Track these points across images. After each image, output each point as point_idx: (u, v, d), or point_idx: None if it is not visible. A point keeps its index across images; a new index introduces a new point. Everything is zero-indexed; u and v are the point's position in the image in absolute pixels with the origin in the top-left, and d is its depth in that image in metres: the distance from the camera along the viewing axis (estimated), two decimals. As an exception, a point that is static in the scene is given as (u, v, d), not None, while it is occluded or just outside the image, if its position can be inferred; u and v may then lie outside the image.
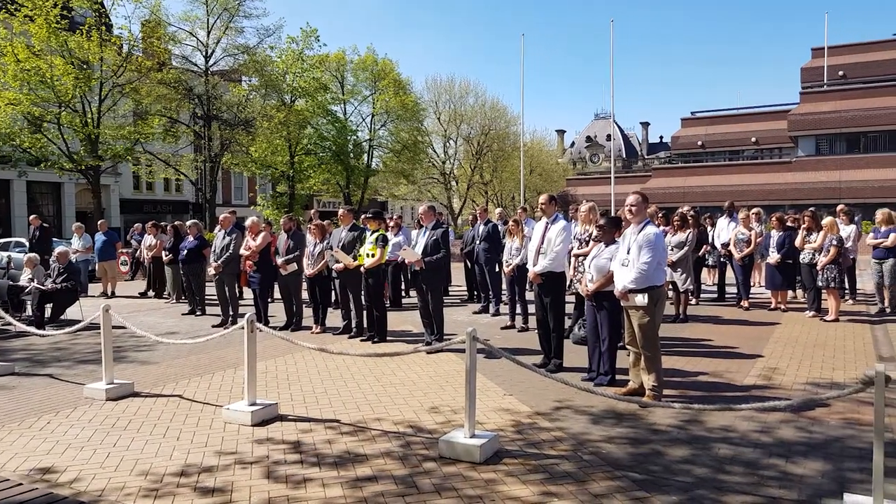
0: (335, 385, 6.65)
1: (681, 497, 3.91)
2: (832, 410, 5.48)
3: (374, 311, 8.84)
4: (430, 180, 50.33)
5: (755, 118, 48.81)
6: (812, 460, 4.44)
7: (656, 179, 44.84)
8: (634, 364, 6.04)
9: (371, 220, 9.11)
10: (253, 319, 5.58)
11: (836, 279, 9.97)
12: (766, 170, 41.15)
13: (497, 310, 11.22)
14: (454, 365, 7.28)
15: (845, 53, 44.95)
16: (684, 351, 8.10)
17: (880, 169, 36.48)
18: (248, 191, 42.69)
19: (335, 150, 34.23)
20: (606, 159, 60.30)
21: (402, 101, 36.16)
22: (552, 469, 4.36)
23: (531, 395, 6.09)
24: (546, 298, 7.10)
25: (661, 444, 4.79)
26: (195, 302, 11.92)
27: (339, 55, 35.91)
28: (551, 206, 7.40)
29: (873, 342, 8.45)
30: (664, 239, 9.92)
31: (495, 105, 50.79)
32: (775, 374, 6.84)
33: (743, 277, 11.70)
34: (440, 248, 8.17)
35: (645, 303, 5.75)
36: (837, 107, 38.90)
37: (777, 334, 9.08)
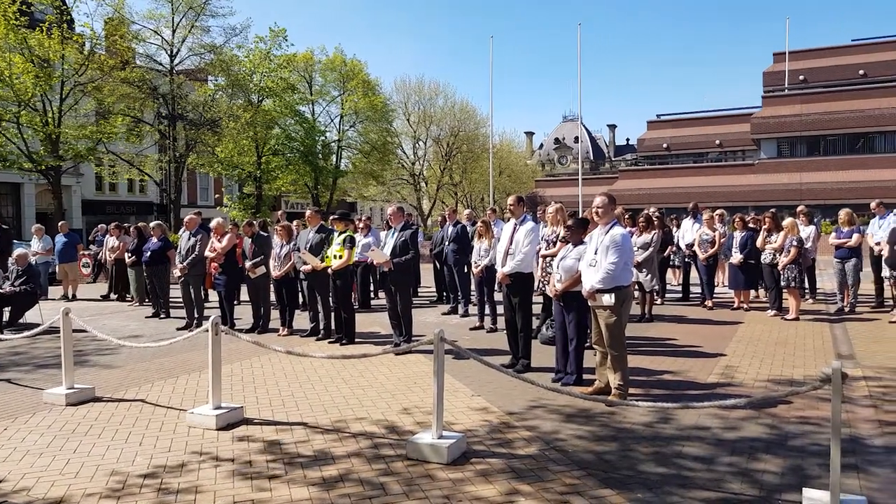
0: (302, 388, 6.60)
1: (645, 494, 3.96)
2: (792, 407, 5.61)
3: (341, 312, 8.79)
4: (399, 181, 50.26)
5: (719, 121, 49.73)
6: (772, 456, 4.53)
7: (623, 181, 45.42)
8: (601, 363, 6.11)
9: (338, 221, 9.06)
10: (218, 322, 5.50)
11: (797, 279, 10.21)
12: (730, 172, 41.98)
13: (466, 311, 11.24)
14: (423, 366, 7.28)
15: (806, 58, 46.08)
16: (650, 350, 8.21)
17: (839, 171, 37.48)
18: (215, 192, 42.11)
19: (303, 151, 33.98)
20: (574, 161, 60.89)
21: (371, 101, 36.06)
22: (519, 468, 4.38)
23: (499, 396, 6.12)
24: (514, 299, 7.15)
25: (626, 443, 4.85)
26: (159, 304, 11.72)
27: (307, 55, 35.66)
28: (519, 208, 7.45)
29: (832, 340, 8.67)
30: (630, 240, 10.08)
31: (464, 107, 50.96)
32: (737, 373, 6.98)
33: (707, 277, 11.91)
34: (409, 250, 8.16)
35: (612, 303, 5.81)
36: (798, 110, 39.86)
37: (740, 333, 9.27)
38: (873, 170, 36.44)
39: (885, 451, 4.59)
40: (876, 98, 37.89)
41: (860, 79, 42.71)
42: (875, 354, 7.71)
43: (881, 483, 4.06)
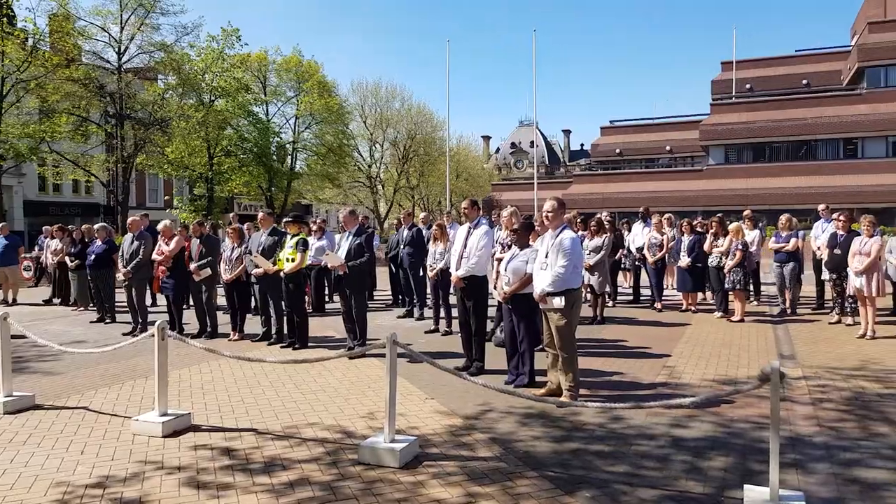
0: (253, 393, 6.49)
1: (596, 493, 4.02)
2: (735, 406, 5.77)
3: (294, 316, 8.69)
4: (356, 184, 49.94)
5: (669, 128, 50.90)
6: (717, 454, 4.65)
7: (577, 185, 46.07)
8: (552, 365, 6.18)
9: (292, 223, 8.96)
10: (164, 327, 5.37)
11: (742, 282, 10.52)
12: (679, 177, 42.99)
13: (422, 314, 11.24)
14: (377, 370, 7.24)
15: (752, 67, 47.55)
16: (601, 352, 8.35)
17: (783, 177, 38.76)
18: (165, 193, 41.07)
19: (257, 152, 33.46)
20: (531, 165, 61.52)
21: (327, 103, 35.75)
22: (473, 471, 4.39)
23: (452, 399, 6.13)
24: (468, 302, 7.18)
25: (578, 443, 4.92)
26: (104, 309, 11.38)
27: (261, 55, 35.18)
28: (474, 211, 7.49)
29: (775, 341, 8.96)
30: (581, 243, 10.23)
31: (421, 110, 51.00)
32: (685, 373, 7.15)
33: (656, 280, 12.17)
34: (363, 253, 8.11)
35: (562, 305, 5.89)
36: (745, 118, 41.09)
37: (687, 334, 9.50)
38: (816, 176, 37.83)
39: (823, 448, 4.76)
40: (818, 107, 39.35)
41: (803, 88, 44.29)
42: (815, 354, 8.00)
43: (819, 478, 4.21)
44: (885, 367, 7.25)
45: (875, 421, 5.35)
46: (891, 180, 36.08)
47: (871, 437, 4.95)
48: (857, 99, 38.70)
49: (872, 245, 8.96)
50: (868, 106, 37.86)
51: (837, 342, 8.75)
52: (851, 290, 9.28)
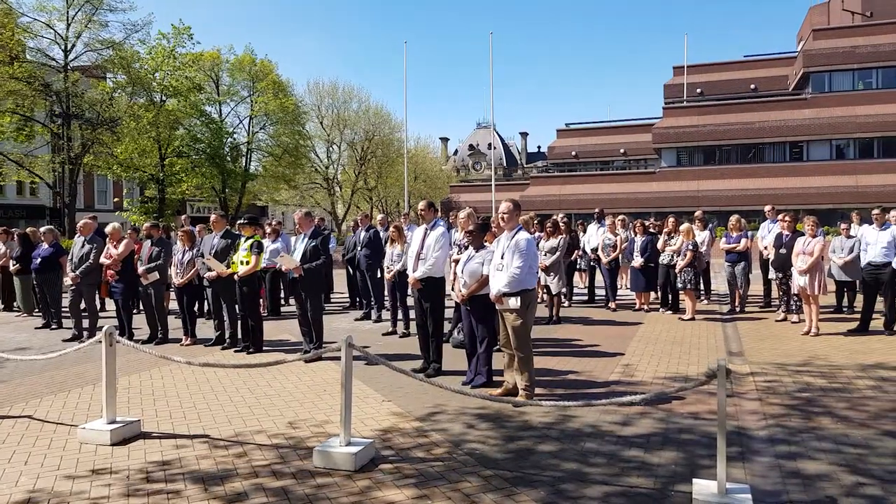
0: (205, 399, 6.37)
1: (547, 491, 4.07)
2: (685, 402, 5.92)
3: (248, 320, 8.56)
4: (312, 185, 49.48)
5: (624, 131, 51.76)
6: (667, 449, 4.76)
7: (534, 187, 46.49)
8: (509, 365, 6.23)
9: (246, 226, 8.83)
10: (112, 332, 5.24)
11: (693, 281, 10.78)
12: (633, 179, 43.76)
13: (379, 316, 11.19)
14: (333, 373, 7.18)
15: (703, 72, 48.74)
16: (556, 351, 8.45)
17: (733, 179, 39.80)
18: (114, 195, 40.00)
19: (210, 153, 32.85)
20: (488, 167, 61.90)
21: (283, 103, 35.33)
22: (427, 472, 4.40)
23: (409, 400, 6.12)
24: (425, 304, 7.18)
25: (532, 442, 4.97)
26: (50, 315, 11.02)
27: (213, 54, 34.57)
28: (430, 213, 7.50)
29: (724, 339, 9.20)
30: (537, 244, 10.35)
31: (379, 111, 50.83)
32: (637, 371, 7.29)
33: (610, 280, 12.38)
34: (319, 255, 8.04)
35: (518, 306, 5.94)
36: (696, 121, 42.07)
37: (640, 333, 9.69)
38: (763, 178, 38.96)
39: (769, 441, 4.91)
40: (765, 111, 40.55)
41: (751, 93, 45.61)
42: (762, 351, 8.25)
43: (764, 470, 4.34)
44: (829, 362, 7.52)
45: (819, 415, 5.54)
46: (834, 182, 37.44)
47: (814, 430, 5.13)
48: (803, 103, 40.03)
49: (815, 245, 9.28)
50: (813, 110, 39.18)
51: (783, 339, 9.04)
52: (796, 288, 9.60)
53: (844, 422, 5.33)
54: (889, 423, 5.28)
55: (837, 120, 38.29)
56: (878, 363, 7.41)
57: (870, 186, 36.06)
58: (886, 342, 8.68)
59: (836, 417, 5.45)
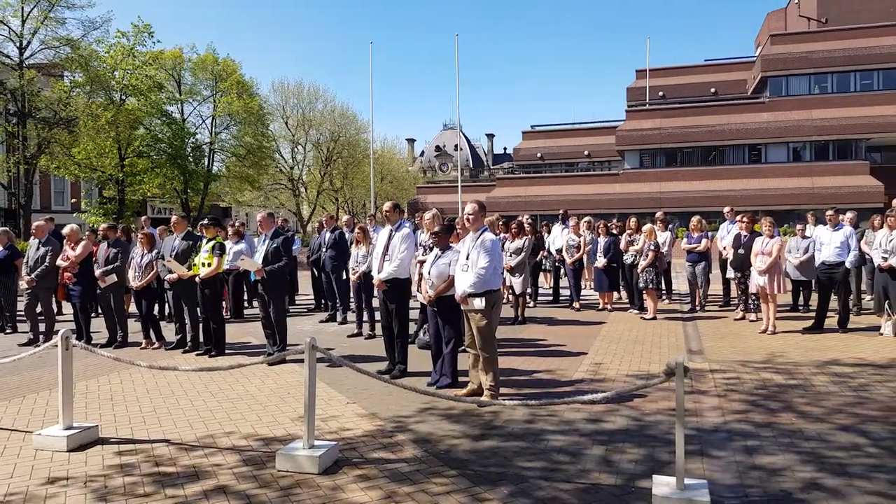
0: (166, 403, 6.26)
1: (512, 489, 4.09)
2: (648, 400, 6.01)
3: (210, 323, 8.43)
4: (277, 186, 48.95)
5: (588, 133, 52.37)
6: (629, 446, 4.83)
7: (500, 188, 46.72)
8: (474, 365, 6.25)
9: (208, 227, 8.70)
10: (68, 336, 5.11)
11: (654, 281, 10.96)
12: (597, 181, 44.29)
13: (344, 318, 11.13)
14: (297, 376, 7.12)
15: (665, 76, 49.61)
16: (521, 351, 8.51)
17: (694, 181, 40.58)
18: (71, 196, 38.97)
19: (171, 153, 32.24)
20: (455, 168, 62.04)
21: (247, 103, 34.88)
22: (393, 473, 4.39)
23: (374, 402, 6.11)
24: (391, 305, 7.17)
25: (497, 440, 5.00)
26: (4, 319, 10.69)
27: (175, 53, 33.98)
28: (395, 214, 7.49)
29: (685, 337, 9.38)
30: (502, 245, 10.41)
31: (345, 112, 50.52)
32: (601, 369, 7.39)
33: (574, 281, 12.52)
34: (281, 257, 7.96)
35: (482, 306, 5.97)
36: (658, 124, 42.78)
37: (604, 332, 9.82)
38: (723, 180, 39.79)
39: (727, 437, 5.02)
40: (725, 114, 41.43)
41: (712, 96, 46.56)
42: (721, 349, 8.43)
43: (722, 466, 4.44)
44: (787, 360, 7.72)
45: (777, 411, 5.68)
46: (791, 184, 38.44)
47: (773, 426, 5.26)
48: (761, 107, 41.02)
49: (773, 245, 9.52)
50: (771, 114, 40.18)
51: (742, 337, 9.25)
52: (754, 287, 9.83)
53: (802, 417, 5.48)
54: (844, 417, 5.44)
55: (794, 123, 39.34)
56: (833, 360, 7.63)
57: (825, 188, 37.13)
58: (840, 339, 8.94)
59: (794, 413, 5.60)
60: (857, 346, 8.48)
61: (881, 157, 40.84)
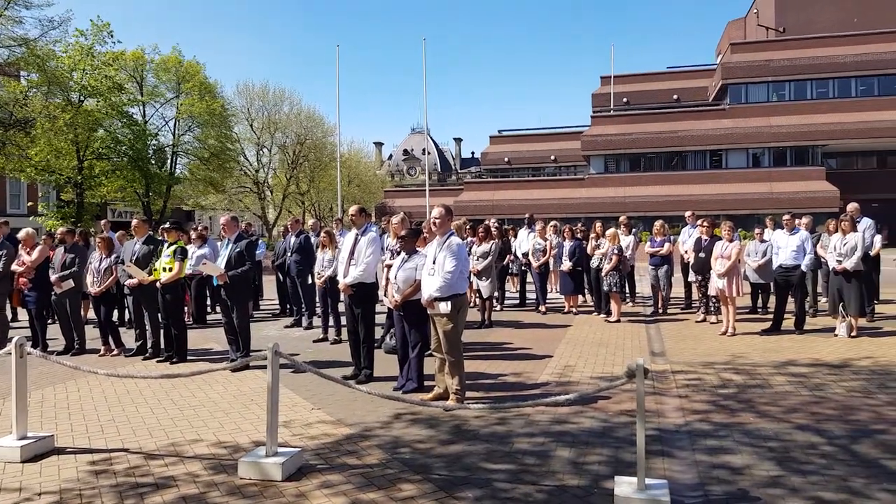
0: (125, 411, 6.12)
1: (478, 493, 4.10)
2: (612, 402, 6.08)
3: (172, 329, 8.28)
4: (242, 189, 48.33)
5: (554, 138, 52.90)
6: (594, 448, 4.88)
7: (468, 193, 46.88)
8: (440, 369, 6.26)
9: (169, 231, 8.55)
10: (22, 343, 4.97)
11: (618, 284, 11.11)
12: (563, 185, 44.77)
13: (310, 323, 11.04)
14: (261, 382, 7.01)
15: (629, 82, 50.41)
16: (488, 355, 8.54)
17: (657, 186, 41.32)
18: (28, 199, 37.89)
19: (132, 156, 31.53)
20: (423, 172, 62.03)
21: (210, 105, 34.33)
22: (358, 479, 4.36)
23: (340, 408, 6.06)
24: (357, 309, 7.13)
25: (463, 444, 5.00)
26: (-44, 326, 10.34)
27: (137, 53, 33.29)
28: (361, 218, 7.44)
29: (647, 339, 9.52)
30: (469, 249, 10.44)
31: (311, 114, 50.21)
32: (566, 371, 7.46)
33: (541, 284, 12.61)
34: (244, 261, 7.86)
35: (449, 310, 5.98)
36: (622, 130, 43.43)
37: (569, 335, 9.91)
38: (685, 185, 40.58)
39: (688, 437, 5.11)
40: (687, 121, 42.28)
41: (674, 103, 47.45)
42: (683, 351, 8.57)
43: (683, 466, 4.51)
44: (746, 361, 7.88)
45: (736, 410, 5.80)
46: (751, 189, 39.35)
47: (733, 426, 5.37)
48: (722, 114, 41.94)
49: (732, 249, 9.73)
50: (731, 120, 41.10)
51: (703, 339, 9.42)
52: (714, 290, 10.02)
53: (761, 417, 5.60)
54: (801, 417, 5.58)
55: (753, 130, 40.31)
56: (790, 360, 7.82)
57: (783, 193, 38.09)
58: (797, 341, 9.17)
59: (753, 413, 5.72)
60: (813, 346, 8.70)
61: (836, 164, 42.11)
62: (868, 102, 39.02)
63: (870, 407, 5.82)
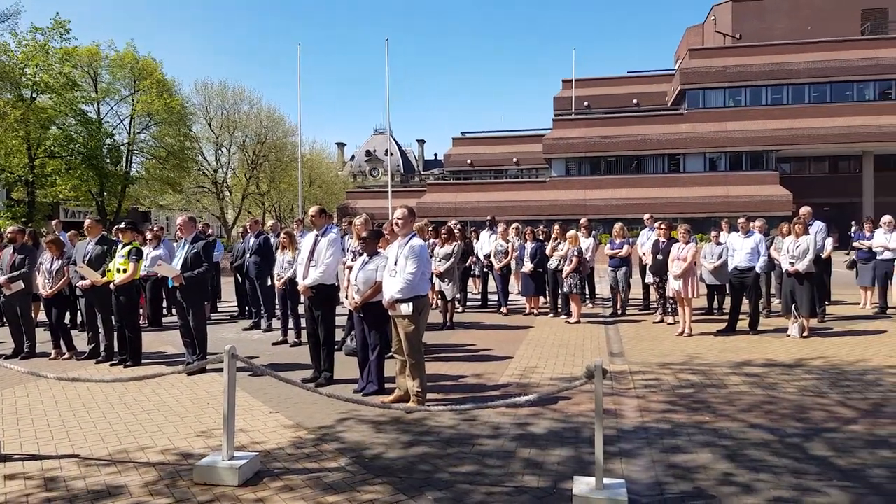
0: (76, 416, 5.94)
1: (439, 495, 4.08)
2: (572, 402, 6.13)
3: (126, 331, 8.06)
4: (200, 189, 47.40)
5: (516, 140, 53.26)
6: (555, 448, 4.91)
7: (431, 194, 46.85)
8: (401, 371, 6.23)
9: (124, 231, 8.34)
10: (-34, 347, 4.78)
11: (578, 286, 11.22)
12: (525, 188, 45.10)
13: (269, 325, 10.88)
14: (218, 385, 6.88)
15: (589, 86, 51.01)
16: (450, 356, 8.54)
17: (616, 189, 41.91)
18: (-24, 198, 36.63)
19: (86, 154, 30.71)
20: (385, 173, 61.82)
21: (167, 103, 33.63)
22: (318, 483, 4.31)
23: (299, 411, 5.98)
24: (316, 311, 7.05)
25: (424, 447, 4.98)
26: None
27: (92, 49, 32.44)
28: (321, 219, 7.36)
29: (606, 340, 9.63)
30: (431, 251, 10.43)
31: (272, 113, 49.43)
32: (526, 372, 7.49)
33: (502, 286, 12.67)
34: (201, 262, 7.70)
35: (410, 312, 5.96)
36: (583, 133, 43.94)
37: (530, 336, 9.97)
38: (644, 188, 41.27)
39: (646, 436, 5.18)
40: (646, 125, 42.99)
41: (633, 107, 48.22)
42: (641, 352, 8.70)
43: (641, 465, 4.57)
44: (703, 361, 8.03)
45: (693, 410, 5.90)
46: (708, 192, 40.22)
47: (689, 425, 5.46)
48: (680, 118, 42.76)
49: (689, 251, 9.91)
50: (689, 125, 41.93)
51: (660, 340, 9.57)
52: (671, 292, 10.20)
53: (717, 416, 5.70)
54: (756, 416, 5.70)
55: (710, 134, 41.19)
56: (745, 360, 8.00)
57: (738, 197, 39.02)
58: (751, 341, 9.38)
59: (709, 412, 5.82)
60: (767, 347, 8.92)
61: (790, 168, 43.36)
62: (820, 109, 40.23)
63: (821, 406, 5.98)
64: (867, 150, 40.90)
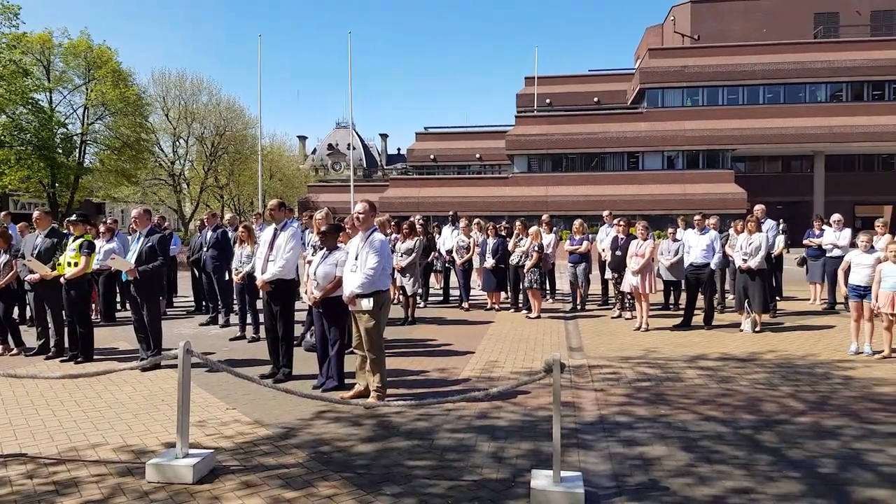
0: (24, 414, 5.75)
1: (398, 490, 4.07)
2: (532, 396, 6.18)
3: (77, 326, 7.83)
4: (157, 182, 46.37)
5: (480, 136, 53.40)
6: (515, 442, 4.94)
7: (393, 189, 46.66)
8: (361, 367, 6.19)
9: (75, 224, 8.09)
10: None
11: (538, 281, 11.31)
12: (488, 183, 45.29)
13: (227, 320, 10.70)
14: (172, 382, 6.70)
15: (551, 84, 51.43)
16: (411, 351, 8.52)
17: (577, 186, 42.40)
18: (-82, 188, 35.16)
19: (37, 144, 29.74)
20: (348, 167, 61.34)
21: (123, 93, 32.81)
22: (275, 480, 4.25)
23: (257, 407, 5.90)
24: (275, 306, 6.96)
25: (384, 442, 4.96)
26: None
27: (44, 36, 31.44)
28: (281, 213, 7.26)
29: (566, 335, 9.73)
30: (393, 246, 10.38)
31: (231, 105, 48.65)
32: (487, 367, 7.52)
33: (464, 281, 12.69)
34: (156, 256, 7.52)
35: (370, 307, 5.92)
36: (545, 130, 44.30)
37: (490, 331, 10.01)
38: (604, 185, 41.83)
39: (603, 429, 5.25)
40: (607, 123, 43.55)
41: (594, 105, 48.78)
42: (599, 346, 8.81)
43: (599, 457, 4.63)
44: (659, 354, 8.18)
45: (650, 403, 6.00)
46: (665, 190, 40.97)
47: (646, 418, 5.55)
48: (639, 117, 43.43)
49: (646, 247, 10.07)
50: (647, 124, 42.63)
51: (618, 334, 9.72)
52: (628, 287, 10.35)
53: (674, 409, 5.81)
54: (712, 408, 5.82)
55: (668, 133, 41.94)
56: (700, 355, 8.17)
57: (695, 194, 39.82)
58: (705, 336, 9.59)
59: (666, 405, 5.93)
60: (721, 341, 9.13)
61: (745, 167, 44.42)
62: (774, 109, 41.31)
63: (773, 398, 6.15)
64: (818, 151, 42.12)
